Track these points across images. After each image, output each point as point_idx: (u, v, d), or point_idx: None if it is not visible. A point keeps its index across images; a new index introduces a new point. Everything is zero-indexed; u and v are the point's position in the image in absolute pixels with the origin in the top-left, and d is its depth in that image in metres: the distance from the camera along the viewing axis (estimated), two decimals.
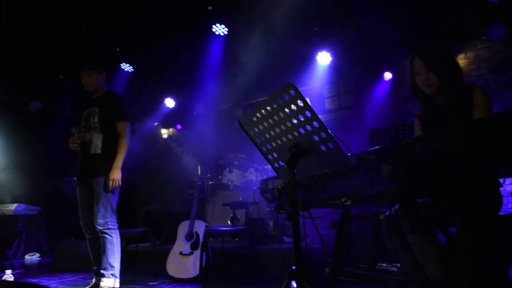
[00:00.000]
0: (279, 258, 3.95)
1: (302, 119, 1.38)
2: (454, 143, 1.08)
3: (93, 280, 3.23)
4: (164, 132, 8.26)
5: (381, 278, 1.59)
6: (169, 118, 7.84)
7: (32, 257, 6.22)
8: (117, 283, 3.09)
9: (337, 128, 6.04)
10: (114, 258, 3.09)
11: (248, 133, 1.66)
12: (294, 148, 1.48)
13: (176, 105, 7.59)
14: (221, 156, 5.94)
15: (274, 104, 1.44)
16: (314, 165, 1.51)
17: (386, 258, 2.65)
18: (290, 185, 1.47)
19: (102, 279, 3.04)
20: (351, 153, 1.46)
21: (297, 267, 1.45)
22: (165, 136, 8.23)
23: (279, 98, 1.40)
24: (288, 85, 1.34)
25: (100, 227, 3.08)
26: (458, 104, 1.87)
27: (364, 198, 1.43)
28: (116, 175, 3.14)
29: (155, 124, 7.98)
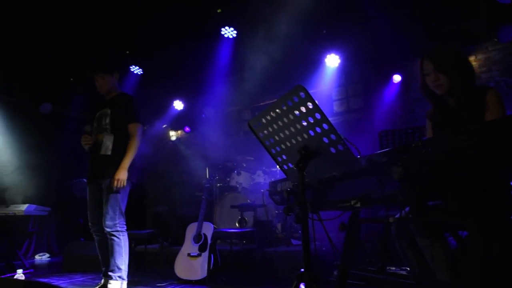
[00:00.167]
0: (287, 260, 3.94)
1: (312, 121, 1.38)
2: (465, 146, 1.07)
3: (102, 281, 3.20)
4: (173, 134, 8.30)
5: (391, 281, 1.58)
6: (177, 121, 7.88)
7: (42, 257, 6.28)
8: (125, 285, 3.08)
9: (346, 131, 6.02)
10: (122, 260, 3.07)
11: (258, 135, 1.66)
12: (304, 150, 1.47)
13: (184, 107, 7.63)
14: (229, 159, 5.95)
15: (283, 106, 1.44)
16: (323, 168, 1.50)
17: (395, 261, 2.63)
18: (299, 187, 1.46)
19: (110, 281, 3.02)
20: (361, 155, 1.45)
21: (306, 269, 1.44)
22: (174, 138, 8.26)
23: (289, 100, 1.40)
24: (298, 87, 1.34)
25: (108, 229, 3.05)
26: (470, 105, 1.85)
27: (374, 201, 1.43)
28: (121, 175, 3.10)
29: (164, 126, 8.02)
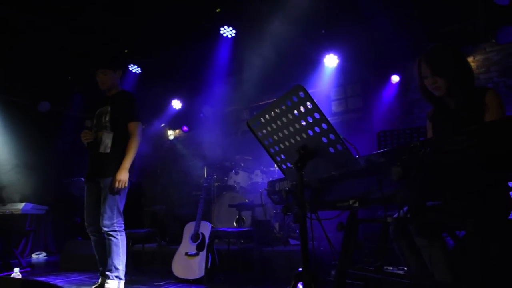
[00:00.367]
0: (285, 260, 3.95)
1: (311, 121, 1.38)
2: (464, 146, 1.07)
3: (99, 280, 3.19)
4: (171, 134, 8.29)
5: (388, 281, 1.58)
6: (175, 120, 7.87)
7: (38, 256, 6.26)
8: (122, 284, 3.05)
9: (344, 131, 6.02)
10: (119, 260, 3.04)
11: (256, 135, 1.65)
12: (302, 150, 1.47)
13: (182, 106, 7.62)
14: (227, 158, 5.95)
15: (283, 105, 1.44)
16: (322, 167, 1.50)
17: (393, 261, 2.64)
18: (298, 187, 1.46)
19: (107, 281, 3.00)
20: (360, 155, 1.45)
21: (304, 269, 1.44)
22: (172, 137, 8.26)
23: (288, 100, 1.40)
24: (297, 87, 1.34)
25: (106, 229, 3.01)
26: (469, 106, 1.85)
27: (372, 201, 1.43)
28: (123, 176, 3.05)
29: (162, 125, 8.01)
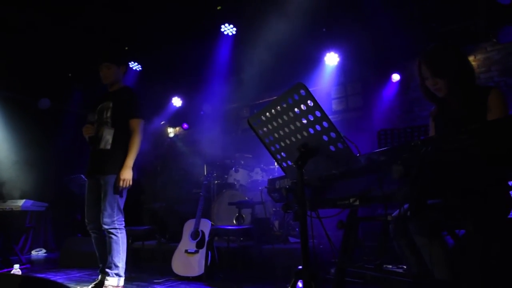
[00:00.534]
0: (284, 258, 3.95)
1: (312, 119, 1.39)
2: (466, 145, 1.08)
3: (99, 277, 3.19)
4: (171, 131, 8.29)
5: (388, 280, 1.58)
6: (176, 117, 7.87)
7: (38, 253, 6.27)
8: (122, 281, 3.04)
9: (344, 129, 5.99)
10: (119, 258, 3.02)
11: (257, 133, 1.66)
12: (303, 148, 1.48)
13: (183, 104, 7.62)
14: (227, 156, 5.96)
15: (284, 103, 1.44)
16: (323, 165, 1.51)
17: (392, 260, 2.64)
18: (298, 185, 1.46)
19: (107, 278, 2.99)
20: (360, 153, 1.45)
21: (304, 266, 1.45)
22: (172, 135, 8.26)
23: (289, 98, 1.40)
24: (298, 85, 1.34)
25: (106, 226, 2.98)
26: (472, 105, 1.85)
27: (372, 199, 1.43)
28: (127, 174, 3.02)
29: (162, 123, 8.01)
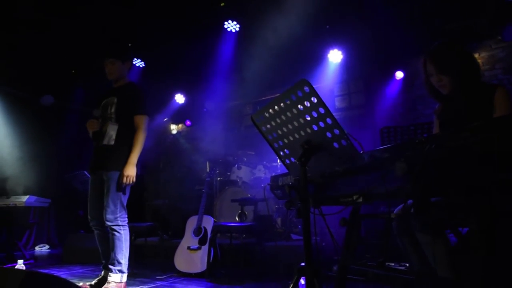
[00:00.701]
0: (287, 255, 3.95)
1: (316, 116, 1.38)
2: (469, 142, 1.07)
3: (102, 273, 3.20)
4: (174, 128, 8.30)
5: (391, 277, 1.58)
6: (178, 114, 7.88)
7: (42, 249, 6.31)
8: (124, 277, 3.04)
9: (347, 127, 5.96)
10: (122, 254, 3.02)
11: (260, 129, 1.65)
12: (306, 145, 1.47)
13: (186, 101, 7.62)
14: (230, 153, 5.96)
15: (287, 100, 1.44)
16: (326, 162, 1.50)
17: (395, 257, 2.64)
18: (301, 182, 1.46)
19: (110, 274, 3.00)
20: (364, 151, 1.45)
21: (307, 263, 1.45)
22: (175, 132, 8.27)
23: (293, 94, 1.40)
24: (302, 82, 1.34)
25: (109, 223, 2.98)
26: (477, 103, 1.84)
27: (376, 196, 1.43)
28: (130, 171, 3.00)
29: (165, 119, 8.01)
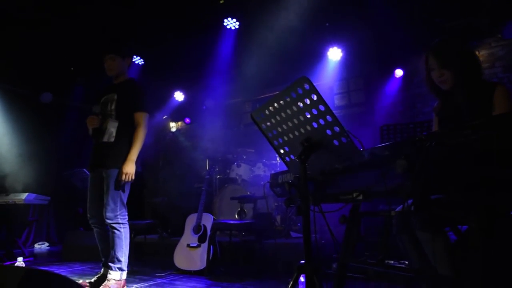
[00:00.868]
0: (286, 252, 3.96)
1: (316, 113, 1.38)
2: (470, 140, 1.07)
3: (102, 270, 3.19)
4: (173, 126, 8.29)
5: (390, 275, 1.58)
6: (178, 112, 7.88)
7: (41, 246, 6.31)
8: (124, 275, 3.03)
9: (347, 125, 5.97)
10: (122, 252, 3.01)
11: (260, 127, 1.65)
12: (306, 142, 1.47)
13: (185, 98, 7.62)
14: (230, 151, 5.95)
15: (287, 97, 1.44)
16: (326, 160, 1.50)
17: (394, 255, 2.64)
18: (301, 179, 1.46)
19: (110, 272, 2.99)
20: (364, 148, 1.45)
21: (306, 261, 1.45)
22: (174, 129, 8.27)
23: (293, 92, 1.40)
24: (302, 79, 1.34)
25: (109, 221, 2.96)
26: (477, 100, 1.84)
27: (376, 194, 1.43)
28: (130, 168, 2.97)
29: (164, 117, 8.01)
